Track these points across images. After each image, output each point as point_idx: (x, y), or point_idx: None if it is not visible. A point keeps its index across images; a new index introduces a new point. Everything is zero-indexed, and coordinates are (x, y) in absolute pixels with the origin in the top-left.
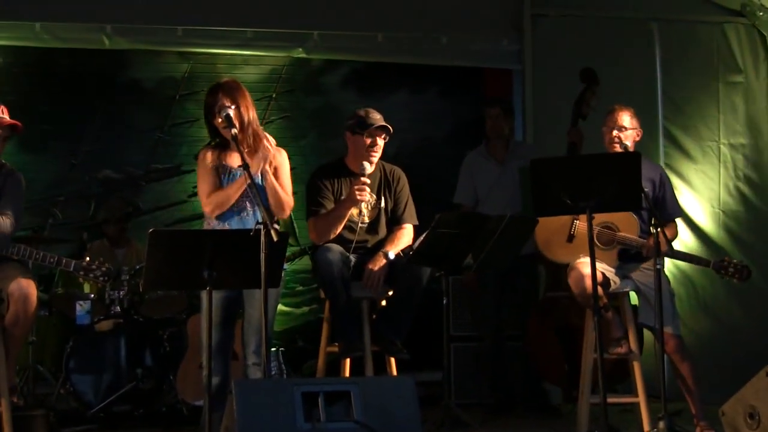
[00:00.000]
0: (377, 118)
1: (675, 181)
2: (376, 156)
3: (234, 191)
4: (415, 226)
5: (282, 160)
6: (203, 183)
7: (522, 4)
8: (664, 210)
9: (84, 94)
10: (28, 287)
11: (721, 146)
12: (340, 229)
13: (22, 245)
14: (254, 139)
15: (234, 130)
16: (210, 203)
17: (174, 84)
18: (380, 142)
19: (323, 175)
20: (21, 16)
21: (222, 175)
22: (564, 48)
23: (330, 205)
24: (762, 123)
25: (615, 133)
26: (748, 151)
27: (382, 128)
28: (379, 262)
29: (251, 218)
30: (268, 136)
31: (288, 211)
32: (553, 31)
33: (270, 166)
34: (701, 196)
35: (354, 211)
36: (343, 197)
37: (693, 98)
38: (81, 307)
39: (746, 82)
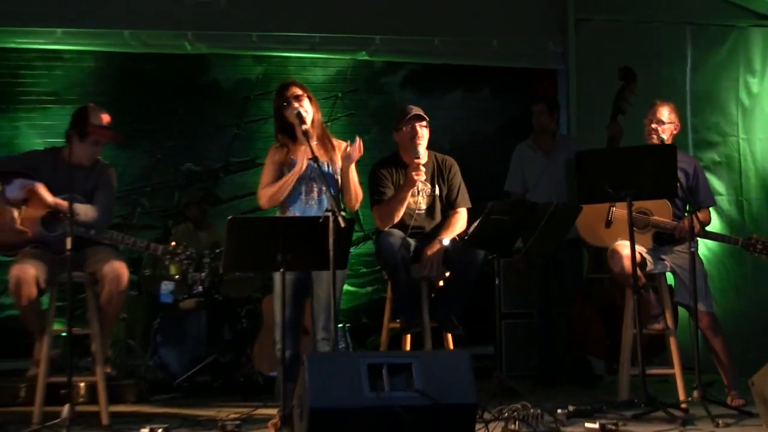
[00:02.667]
0: (412, 109)
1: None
2: (422, 142)
3: (281, 187)
4: (468, 209)
5: None
6: (263, 176)
7: (567, 10)
8: (697, 199)
9: (168, 94)
10: (120, 269)
11: (741, 140)
12: (401, 212)
13: (114, 231)
14: (322, 133)
15: (305, 126)
16: (263, 196)
17: (249, 85)
18: (420, 130)
19: (382, 166)
20: (112, 25)
21: (287, 171)
22: (605, 49)
23: (390, 193)
24: None
25: (654, 125)
26: (765, 145)
27: (418, 117)
28: (436, 248)
29: (316, 206)
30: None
31: (359, 203)
32: (595, 34)
33: (354, 155)
34: (726, 185)
35: (412, 199)
36: (400, 186)
37: (717, 97)
38: (165, 287)
39: (762, 82)
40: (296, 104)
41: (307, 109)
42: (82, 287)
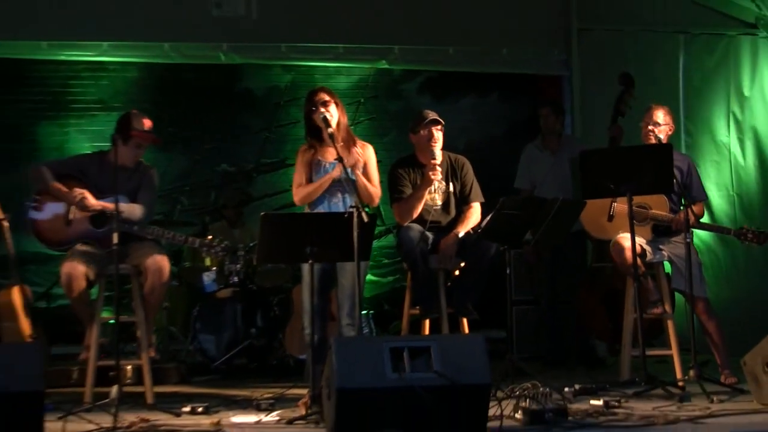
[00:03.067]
0: (428, 114)
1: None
2: (437, 144)
3: (316, 189)
4: (482, 204)
5: (369, 154)
6: (296, 175)
7: (570, 20)
8: (691, 193)
9: (204, 101)
10: (162, 261)
11: (731, 140)
12: (419, 209)
13: (156, 227)
14: (348, 136)
15: (330, 129)
16: (297, 194)
17: (279, 92)
18: (436, 133)
19: (400, 166)
20: (152, 38)
21: (314, 170)
22: (605, 57)
23: (409, 191)
24: (763, 120)
25: (650, 127)
26: (754, 144)
27: (434, 121)
28: (451, 240)
29: (341, 204)
30: (359, 141)
31: (377, 201)
32: (596, 43)
33: (359, 164)
34: (718, 181)
35: (428, 196)
36: (418, 183)
37: (709, 100)
38: (207, 278)
39: (751, 87)
40: (323, 109)
41: (333, 114)
42: (128, 279)
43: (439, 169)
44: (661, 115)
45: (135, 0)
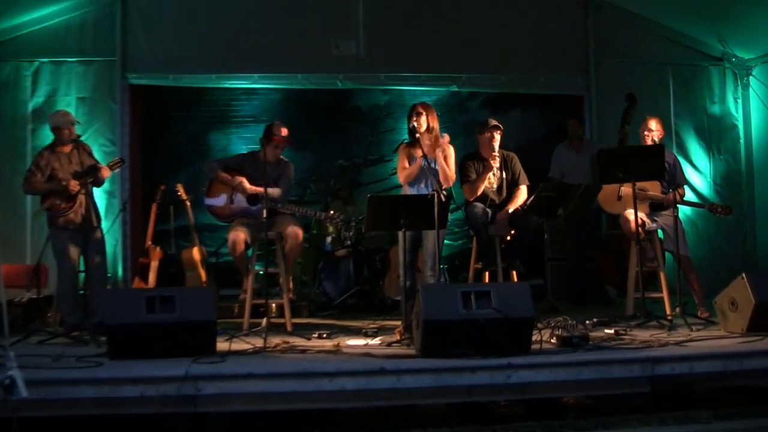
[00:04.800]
0: (491, 121)
1: (684, 163)
2: (496, 143)
3: (412, 171)
4: (528, 186)
5: (450, 151)
6: (400, 162)
7: (588, 56)
8: (675, 180)
9: (325, 115)
10: (297, 230)
11: (707, 142)
12: (482, 189)
13: (293, 205)
14: (435, 139)
15: (417, 135)
16: (401, 175)
17: (379, 108)
18: (496, 135)
19: (468, 159)
20: (289, 71)
21: (410, 161)
22: (614, 82)
23: (474, 176)
24: (729, 127)
25: (646, 132)
26: (727, 146)
27: (495, 126)
28: (505, 214)
29: (425, 187)
30: (444, 139)
31: (452, 182)
32: (608, 72)
33: (442, 154)
34: (701, 172)
35: (487, 182)
36: (480, 171)
37: (691, 114)
38: (327, 242)
39: (720, 104)
40: (414, 118)
41: (422, 123)
42: (273, 242)
43: (498, 158)
44: (653, 124)
45: (277, 43)
